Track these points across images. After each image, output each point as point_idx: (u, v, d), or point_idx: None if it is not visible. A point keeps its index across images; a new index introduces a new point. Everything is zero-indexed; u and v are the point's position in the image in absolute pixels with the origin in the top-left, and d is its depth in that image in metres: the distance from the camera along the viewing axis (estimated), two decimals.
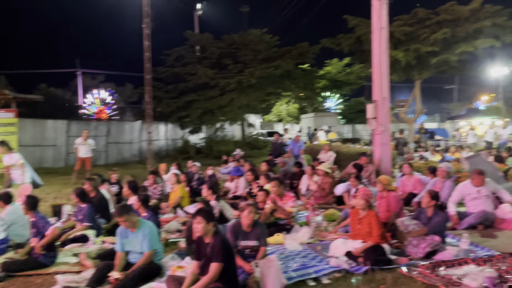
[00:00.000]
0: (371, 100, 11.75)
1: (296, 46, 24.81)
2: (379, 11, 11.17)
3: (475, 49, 21.12)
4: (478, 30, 20.37)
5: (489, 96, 51.41)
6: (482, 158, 9.16)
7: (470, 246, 5.53)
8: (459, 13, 20.78)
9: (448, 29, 20.36)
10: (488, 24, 20.16)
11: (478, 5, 20.53)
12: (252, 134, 30.04)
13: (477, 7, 20.51)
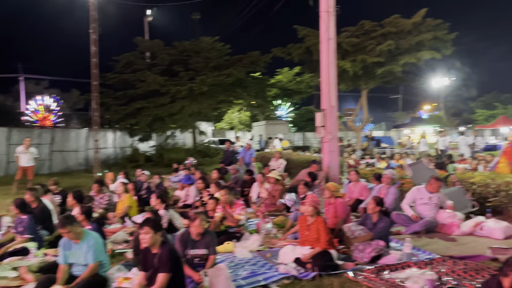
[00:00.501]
0: (320, 109, 12.02)
1: (247, 54, 24.98)
2: (327, 23, 11.47)
3: (418, 61, 22.10)
4: (420, 42, 21.35)
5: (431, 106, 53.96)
6: (424, 165, 9.56)
7: (412, 250, 5.76)
8: (402, 26, 21.70)
9: (392, 41, 21.20)
10: (429, 37, 21.19)
11: (420, 19, 21.52)
12: (204, 142, 29.88)
13: (419, 20, 21.51)
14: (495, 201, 7.62)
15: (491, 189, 7.75)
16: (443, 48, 22.25)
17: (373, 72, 22.68)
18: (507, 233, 6.49)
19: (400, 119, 53.51)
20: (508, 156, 9.12)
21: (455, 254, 5.70)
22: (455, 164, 13.53)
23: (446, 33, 21.67)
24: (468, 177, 8.54)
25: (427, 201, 7.18)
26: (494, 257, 5.49)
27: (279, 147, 21.79)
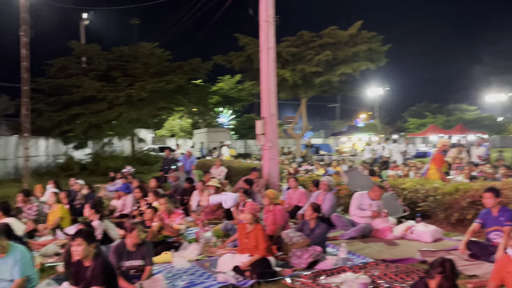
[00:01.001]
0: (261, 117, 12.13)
1: (188, 61, 24.79)
2: (266, 32, 11.64)
3: (354, 71, 23.00)
4: (356, 53, 22.24)
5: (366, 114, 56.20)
6: (359, 171, 9.91)
7: (347, 254, 5.93)
8: (339, 37, 22.51)
9: (330, 51, 21.92)
10: (365, 48, 22.12)
11: (355, 31, 22.43)
12: (143, 149, 29.20)
13: (355, 32, 22.40)
14: (424, 206, 8.04)
15: (421, 195, 8.17)
16: (378, 60, 23.32)
17: (311, 82, 23.27)
18: (435, 236, 6.85)
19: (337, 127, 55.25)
20: (437, 162, 9.64)
21: (388, 258, 5.93)
22: (388, 170, 14.15)
23: (380, 45, 22.73)
24: (399, 183, 8.95)
25: (367, 207, 7.44)
26: (423, 260, 5.76)
27: (227, 155, 21.76)
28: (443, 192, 7.78)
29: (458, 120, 48.29)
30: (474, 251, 5.72)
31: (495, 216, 5.81)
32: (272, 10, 11.70)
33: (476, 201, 7.21)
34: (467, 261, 5.57)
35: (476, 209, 7.11)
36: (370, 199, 7.48)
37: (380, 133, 44.83)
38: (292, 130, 27.41)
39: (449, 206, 7.63)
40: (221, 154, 22.45)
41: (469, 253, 5.73)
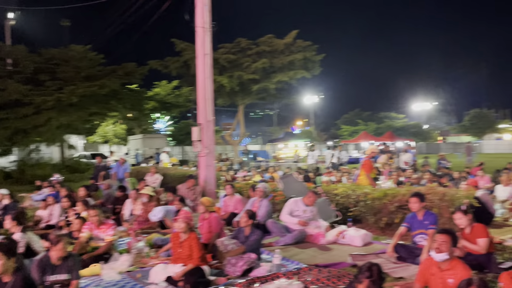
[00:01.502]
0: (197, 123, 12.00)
1: (122, 65, 24.07)
2: (203, 38, 11.56)
3: (290, 79, 23.49)
4: (292, 62, 22.75)
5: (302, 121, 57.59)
6: (294, 178, 10.09)
7: (282, 261, 5.97)
8: (275, 46, 22.92)
9: (267, 59, 22.26)
10: (300, 57, 22.69)
11: (291, 40, 22.95)
12: (74, 156, 27.92)
13: (290, 41, 22.92)
14: (356, 211, 8.30)
15: (352, 200, 8.44)
16: (312, 68, 23.99)
17: (249, 89, 23.48)
18: (365, 240, 7.08)
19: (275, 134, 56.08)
20: (366, 168, 10.01)
21: (320, 263, 6.05)
22: (323, 176, 14.52)
23: (315, 54, 23.41)
24: (332, 188, 9.19)
25: (301, 213, 7.55)
26: (354, 264, 5.93)
27: (166, 161, 21.28)
28: (372, 197, 8.08)
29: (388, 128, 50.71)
30: (401, 254, 5.97)
31: (420, 220, 6.11)
32: (208, 17, 11.64)
33: (403, 205, 7.56)
34: (394, 264, 5.80)
35: (403, 213, 7.45)
36: (305, 205, 7.61)
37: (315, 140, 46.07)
38: (230, 137, 27.45)
39: (379, 210, 7.94)
40: (160, 161, 21.95)
41: (396, 256, 5.98)
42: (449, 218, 6.67)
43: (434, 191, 7.51)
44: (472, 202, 7.41)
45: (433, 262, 4.11)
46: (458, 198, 7.30)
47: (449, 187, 9.89)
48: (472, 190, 8.86)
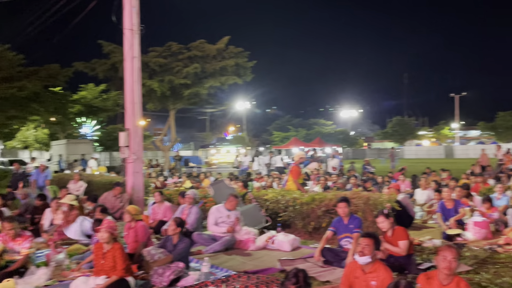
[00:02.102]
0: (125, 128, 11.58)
1: (44, 67, 22.80)
2: (131, 40, 11.19)
3: (222, 85, 23.48)
4: (224, 68, 22.76)
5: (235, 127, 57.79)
6: (225, 184, 10.02)
7: (211, 268, 5.87)
8: (207, 51, 22.83)
9: (199, 64, 22.10)
10: (232, 63, 22.76)
11: (223, 45, 22.97)
12: None
13: (222, 47, 22.93)
14: (285, 216, 8.40)
15: (281, 205, 8.52)
16: (244, 75, 24.15)
17: (180, 93, 23.16)
18: (294, 245, 7.16)
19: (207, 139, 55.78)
20: (294, 174, 10.17)
21: (250, 269, 6.02)
22: (254, 182, 14.59)
23: (247, 61, 23.60)
24: (262, 194, 9.23)
25: (225, 219, 7.49)
26: (282, 269, 5.96)
27: (95, 168, 20.32)
28: (301, 202, 8.22)
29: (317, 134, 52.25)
30: (328, 258, 6.10)
31: (346, 224, 6.29)
32: (137, 19, 11.29)
33: (330, 209, 7.76)
34: (321, 268, 5.91)
35: (330, 217, 7.64)
36: (227, 210, 7.58)
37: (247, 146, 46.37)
38: (161, 142, 26.88)
39: (307, 215, 8.08)
40: (89, 167, 20.94)
41: (323, 260, 6.10)
42: (373, 222, 6.92)
43: (359, 196, 7.78)
44: (394, 206, 7.77)
45: (357, 265, 4.22)
46: (381, 202, 7.62)
47: (373, 191, 10.30)
48: (394, 194, 9.31)
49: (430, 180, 12.84)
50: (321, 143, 37.33)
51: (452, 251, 3.62)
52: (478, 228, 7.69)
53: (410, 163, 33.71)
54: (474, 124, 76.54)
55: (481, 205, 9.00)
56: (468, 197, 9.78)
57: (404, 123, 66.43)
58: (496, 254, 6.54)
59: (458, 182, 12.27)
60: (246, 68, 23.92)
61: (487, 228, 7.76)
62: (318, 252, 6.13)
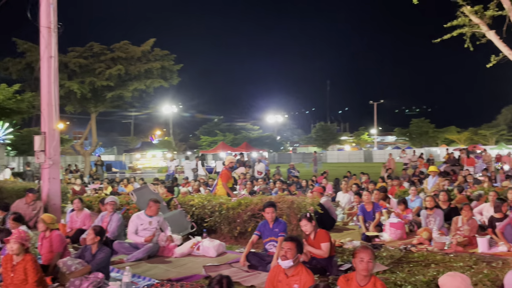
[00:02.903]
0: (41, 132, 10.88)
1: None
2: (47, 39, 10.55)
3: (147, 88, 22.89)
4: (149, 70, 22.23)
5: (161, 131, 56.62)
6: (149, 189, 9.72)
7: (132, 278, 5.65)
8: (132, 53, 22.19)
9: (122, 66, 21.39)
10: (158, 66, 22.30)
11: (149, 47, 22.45)
12: None
13: (148, 49, 22.41)
14: (211, 221, 8.32)
15: (207, 210, 8.43)
16: (171, 78, 23.75)
17: (102, 96, 22.28)
18: (219, 251, 7.10)
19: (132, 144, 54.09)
20: (223, 178, 10.14)
21: (173, 277, 5.87)
22: (180, 187, 14.35)
23: (173, 64, 23.23)
24: (188, 199, 9.08)
25: (147, 226, 7.26)
26: (207, 275, 5.88)
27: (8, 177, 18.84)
28: (227, 206, 8.18)
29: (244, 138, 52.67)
30: (253, 262, 6.12)
31: (271, 228, 6.35)
32: (54, 17, 10.67)
33: (256, 214, 7.81)
34: (246, 272, 5.91)
35: (256, 221, 7.68)
36: (148, 217, 7.37)
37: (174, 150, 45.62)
38: (81, 146, 25.63)
39: (233, 220, 8.06)
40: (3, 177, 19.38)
41: (248, 265, 6.10)
42: (297, 225, 7.06)
43: (284, 199, 7.90)
44: (317, 209, 7.98)
45: (281, 269, 4.26)
46: (304, 205, 7.80)
47: (297, 195, 10.53)
48: (317, 197, 9.58)
49: (351, 183, 13.39)
50: (248, 147, 37.63)
51: (369, 252, 3.76)
52: (394, 229, 8.12)
53: (332, 167, 35.04)
54: (390, 130, 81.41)
55: (397, 207, 9.54)
56: (385, 199, 10.33)
57: (327, 128, 69.07)
58: (411, 253, 6.93)
59: (376, 185, 12.91)
60: (173, 71, 23.55)
61: (402, 229, 8.22)
62: (244, 257, 6.12)
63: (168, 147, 46.37)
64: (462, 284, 3.20)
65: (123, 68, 21.21)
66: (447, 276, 3.30)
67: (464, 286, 3.20)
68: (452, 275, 3.29)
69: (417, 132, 64.13)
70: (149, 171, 31.38)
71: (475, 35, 11.59)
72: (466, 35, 11.63)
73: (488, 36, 11.39)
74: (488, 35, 11.37)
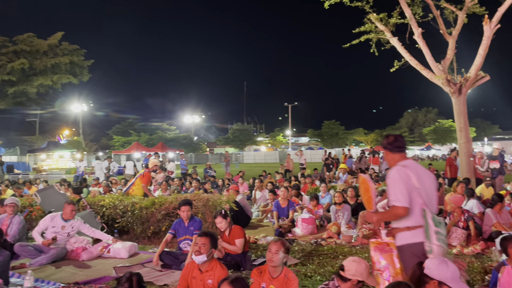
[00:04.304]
0: None
1: None
2: None
3: (54, 84, 21.63)
4: (57, 65, 21.00)
5: (70, 131, 53.54)
6: (55, 190, 9.15)
7: (35, 283, 5.27)
8: (37, 46, 20.84)
9: (26, 60, 19.98)
10: (66, 61, 21.16)
11: (56, 41, 21.20)
12: None
13: (55, 42, 21.18)
14: (123, 222, 8.02)
15: (119, 210, 8.11)
16: (81, 74, 22.60)
17: (3, 91, 20.65)
18: (131, 251, 6.85)
19: (37, 144, 50.53)
20: (145, 180, 9.80)
21: (81, 280, 5.57)
22: (90, 187, 13.68)
23: (83, 59, 22.10)
24: (98, 200, 8.68)
25: (59, 230, 6.82)
26: (118, 277, 5.65)
27: None
28: (140, 206, 7.94)
29: (160, 139, 51.60)
30: (167, 261, 6.00)
31: (186, 226, 6.27)
32: None
33: (171, 213, 7.67)
34: (159, 272, 5.78)
35: (170, 220, 7.56)
36: (64, 220, 6.94)
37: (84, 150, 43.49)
38: None
39: (146, 219, 7.85)
40: None
41: (162, 264, 5.97)
42: (213, 223, 7.05)
43: (199, 197, 7.85)
44: (232, 206, 8.03)
45: (195, 265, 4.22)
46: (220, 203, 7.82)
47: (213, 193, 10.52)
48: (233, 195, 9.65)
49: (266, 182, 13.68)
50: (164, 148, 36.89)
51: (277, 244, 3.85)
52: (306, 224, 8.42)
53: (248, 167, 35.59)
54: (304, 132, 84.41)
55: (309, 203, 9.90)
56: (298, 196, 10.68)
57: (244, 129, 69.91)
58: (321, 247, 7.23)
59: (290, 183, 13.30)
60: (83, 67, 22.45)
61: (313, 224, 8.54)
62: (157, 256, 5.98)
63: (77, 148, 44.08)
64: (365, 271, 3.40)
65: (27, 62, 19.81)
66: (352, 261, 3.47)
67: (366, 272, 3.40)
68: (358, 260, 3.47)
69: (328, 133, 67.26)
70: (56, 173, 29.60)
71: (380, 41, 12.45)
72: (373, 41, 12.47)
73: (392, 42, 12.29)
74: (392, 41, 12.27)
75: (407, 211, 3.35)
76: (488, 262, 5.36)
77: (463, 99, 11.83)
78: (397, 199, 3.37)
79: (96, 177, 17.46)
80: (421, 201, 3.38)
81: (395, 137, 3.70)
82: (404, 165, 3.51)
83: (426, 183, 3.48)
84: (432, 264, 2.93)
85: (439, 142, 64.71)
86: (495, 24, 11.07)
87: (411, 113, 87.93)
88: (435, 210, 3.50)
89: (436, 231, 3.29)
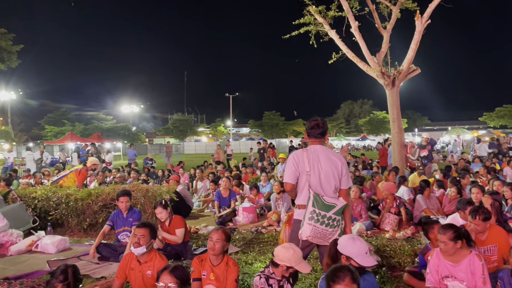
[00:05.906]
0: None
1: None
2: None
3: None
4: None
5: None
6: None
7: None
8: None
9: None
10: None
11: None
12: None
13: None
14: (57, 214, 7.68)
15: (52, 203, 7.75)
16: (8, 60, 21.15)
17: None
18: (61, 246, 6.49)
19: None
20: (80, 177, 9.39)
21: (11, 275, 5.28)
22: (20, 179, 12.97)
23: (12, 44, 20.71)
24: (30, 192, 8.24)
25: None
26: (52, 271, 5.41)
27: None
28: (75, 198, 7.63)
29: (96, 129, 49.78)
30: (104, 254, 5.82)
31: (125, 217, 6.11)
32: None
33: (108, 204, 7.44)
34: (96, 264, 5.60)
35: (107, 212, 7.33)
36: None
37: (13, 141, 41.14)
38: None
39: (82, 211, 7.56)
40: None
41: (99, 256, 5.79)
42: (153, 213, 6.93)
43: (138, 188, 7.67)
44: (172, 197, 7.94)
45: (133, 256, 4.13)
46: (160, 193, 7.68)
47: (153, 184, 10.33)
48: (173, 186, 9.52)
49: (206, 172, 13.62)
50: (100, 138, 35.59)
51: (218, 233, 3.85)
52: (247, 213, 8.50)
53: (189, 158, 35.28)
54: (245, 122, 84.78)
55: (250, 192, 9.98)
56: (239, 186, 10.74)
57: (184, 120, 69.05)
58: (261, 235, 7.33)
59: (232, 173, 13.33)
60: (11, 52, 20.93)
61: (254, 212, 8.63)
62: (93, 249, 5.78)
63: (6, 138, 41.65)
64: (293, 257, 3.48)
65: None
66: (281, 247, 3.57)
67: (295, 258, 3.49)
68: (287, 246, 3.56)
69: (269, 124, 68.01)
70: None
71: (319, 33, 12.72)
72: (312, 33, 12.71)
73: (330, 34, 12.59)
74: (330, 34, 12.57)
75: (292, 187, 3.84)
76: (417, 245, 5.66)
77: (396, 91, 12.38)
78: (287, 176, 3.86)
79: (27, 169, 16.54)
80: (308, 183, 3.77)
81: (315, 125, 3.96)
82: (307, 149, 3.90)
83: (322, 168, 3.81)
84: (342, 241, 3.39)
85: (373, 133, 67.52)
86: (426, 20, 11.64)
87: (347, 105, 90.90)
88: (331, 192, 3.81)
89: (312, 211, 3.64)
